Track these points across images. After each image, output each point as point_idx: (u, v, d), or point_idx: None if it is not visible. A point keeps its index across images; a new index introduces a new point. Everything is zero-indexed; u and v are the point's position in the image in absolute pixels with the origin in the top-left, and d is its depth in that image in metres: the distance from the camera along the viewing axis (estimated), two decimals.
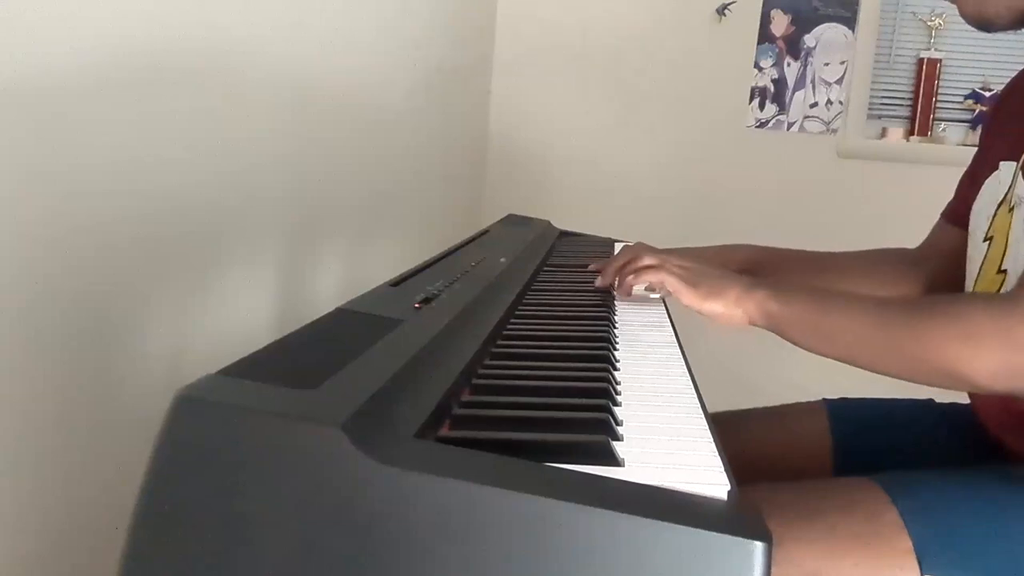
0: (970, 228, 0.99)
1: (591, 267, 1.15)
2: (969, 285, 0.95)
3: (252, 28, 1.22)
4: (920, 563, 0.73)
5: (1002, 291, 0.88)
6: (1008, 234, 0.88)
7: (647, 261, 0.97)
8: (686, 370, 0.75)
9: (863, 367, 0.80)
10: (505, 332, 0.80)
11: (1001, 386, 0.71)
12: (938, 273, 1.08)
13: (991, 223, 0.92)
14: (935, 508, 0.77)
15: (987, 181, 0.96)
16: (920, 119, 2.56)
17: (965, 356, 0.71)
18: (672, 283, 0.91)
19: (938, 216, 1.14)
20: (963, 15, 0.92)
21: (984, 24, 0.91)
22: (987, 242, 0.92)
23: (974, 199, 0.98)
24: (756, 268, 1.13)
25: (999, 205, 0.91)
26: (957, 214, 1.07)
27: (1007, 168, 0.92)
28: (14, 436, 0.86)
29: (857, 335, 0.80)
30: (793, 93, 2.57)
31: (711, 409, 0.65)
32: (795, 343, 0.85)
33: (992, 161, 0.96)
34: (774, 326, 0.85)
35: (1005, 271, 0.88)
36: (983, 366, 0.70)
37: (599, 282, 1.04)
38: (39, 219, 0.85)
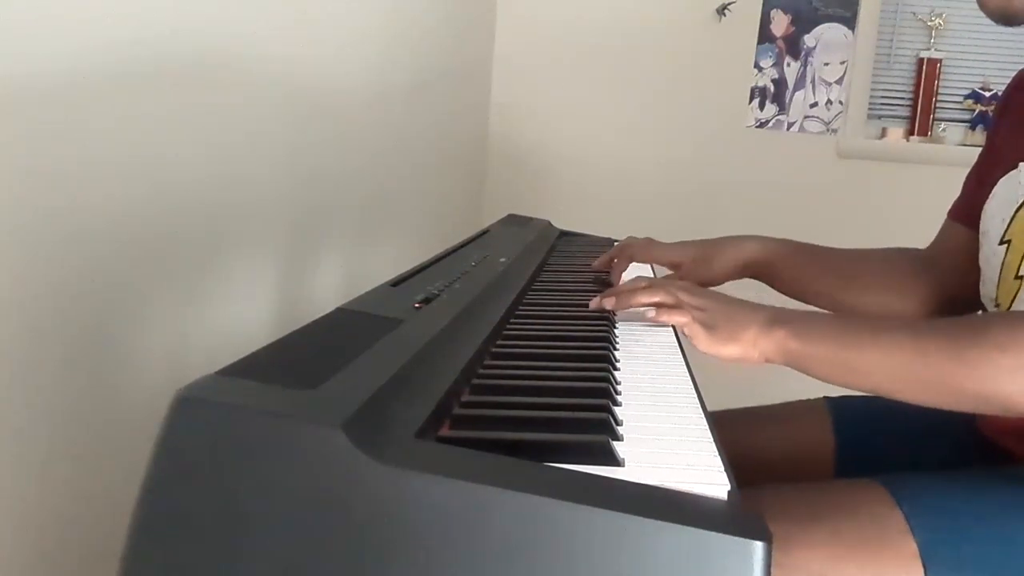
0: (982, 228, 0.96)
1: (595, 264, 1.14)
2: (990, 289, 0.93)
3: (252, 28, 1.22)
4: (925, 566, 0.72)
5: (1020, 296, 0.88)
6: None
7: (660, 298, 0.88)
8: (686, 370, 0.75)
9: (900, 399, 0.77)
10: (505, 332, 0.80)
11: None
12: (950, 272, 1.07)
13: (1008, 226, 0.90)
14: (940, 511, 0.77)
15: (1001, 180, 0.94)
16: (920, 119, 2.56)
17: (1018, 387, 0.69)
18: (690, 328, 0.84)
19: (942, 215, 1.13)
20: (986, 8, 0.90)
21: (1008, 18, 0.89)
22: (1004, 245, 0.91)
23: (984, 198, 0.97)
24: (765, 267, 1.11)
25: (1018, 209, 0.89)
26: (965, 213, 1.06)
27: None
28: (14, 436, 0.86)
29: (894, 370, 0.75)
30: (793, 93, 2.57)
31: (711, 409, 0.65)
32: (822, 380, 0.80)
33: (1006, 160, 0.94)
34: (797, 365, 0.80)
35: (1022, 277, 0.87)
36: None
37: (609, 304, 0.92)
38: (38, 219, 0.85)
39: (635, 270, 1.16)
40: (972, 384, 0.71)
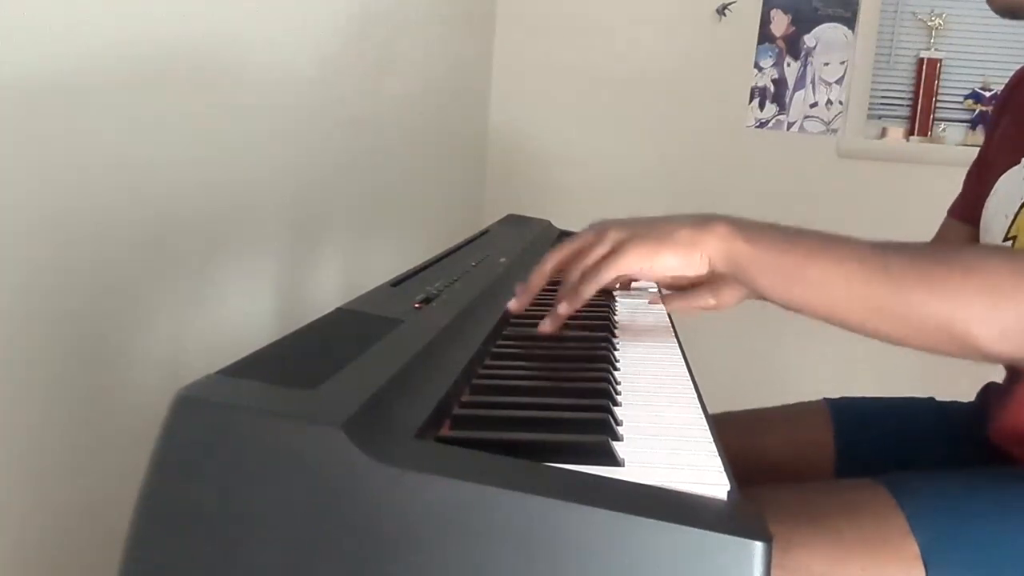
0: (983, 225, 0.96)
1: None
2: None
3: (252, 29, 1.22)
4: (926, 567, 0.72)
5: None
6: None
7: (553, 261, 0.79)
8: (686, 370, 0.75)
9: (847, 325, 0.68)
10: (505, 332, 0.80)
11: (1008, 348, 0.63)
12: None
13: (1013, 222, 0.90)
14: (941, 512, 0.77)
15: (1003, 177, 0.94)
16: (920, 119, 2.56)
17: (978, 313, 0.63)
18: (611, 263, 0.73)
19: (942, 215, 1.13)
20: (993, 3, 0.90)
21: (1013, 11, 0.89)
22: (1008, 242, 0.90)
23: (985, 195, 0.97)
24: None
25: (1022, 205, 0.89)
26: (966, 211, 1.06)
27: None
28: (14, 436, 0.86)
29: (851, 283, 0.66)
30: (793, 93, 2.57)
31: (711, 409, 0.65)
32: (765, 294, 0.70)
33: (1008, 156, 0.94)
34: (740, 270, 0.69)
35: None
36: (996, 324, 0.62)
37: (514, 307, 0.81)
38: (38, 220, 0.85)
39: None
40: (933, 306, 0.64)
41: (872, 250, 0.68)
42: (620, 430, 0.57)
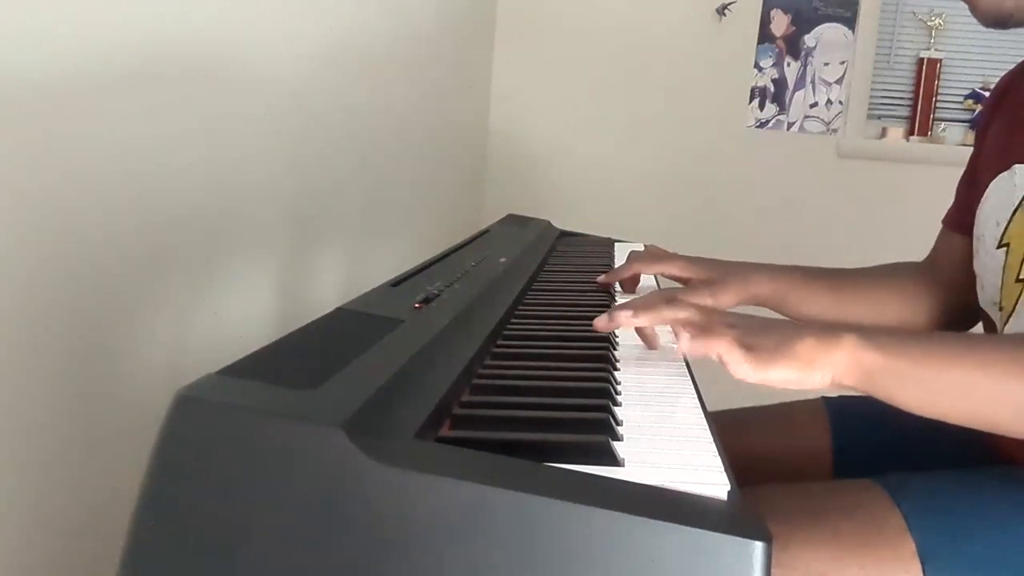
0: (976, 232, 0.95)
1: (601, 280, 1.08)
2: (991, 294, 0.92)
3: (252, 28, 1.22)
4: (924, 567, 0.72)
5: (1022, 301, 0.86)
6: None
7: (688, 315, 0.71)
8: (686, 370, 0.75)
9: (995, 427, 0.66)
10: (505, 332, 0.80)
11: None
12: (952, 282, 1.06)
13: (1006, 229, 0.89)
14: (939, 511, 0.77)
15: (994, 183, 0.93)
16: (920, 119, 2.56)
17: None
18: (728, 353, 0.66)
19: (941, 214, 1.12)
20: (978, 12, 0.87)
21: (1000, 21, 0.87)
22: (1002, 249, 0.90)
23: (978, 202, 0.97)
24: (771, 299, 1.05)
25: (1015, 211, 0.88)
26: (959, 221, 1.05)
27: (1023, 171, 0.89)
28: (15, 436, 0.86)
29: (1002, 388, 0.63)
30: (793, 93, 2.57)
31: (711, 409, 0.65)
32: (902, 405, 0.67)
33: (998, 161, 0.93)
34: (874, 383, 0.66)
35: None
36: None
37: (623, 320, 0.76)
38: (38, 220, 0.85)
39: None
40: None
41: (1007, 344, 0.66)
42: (620, 430, 0.57)
